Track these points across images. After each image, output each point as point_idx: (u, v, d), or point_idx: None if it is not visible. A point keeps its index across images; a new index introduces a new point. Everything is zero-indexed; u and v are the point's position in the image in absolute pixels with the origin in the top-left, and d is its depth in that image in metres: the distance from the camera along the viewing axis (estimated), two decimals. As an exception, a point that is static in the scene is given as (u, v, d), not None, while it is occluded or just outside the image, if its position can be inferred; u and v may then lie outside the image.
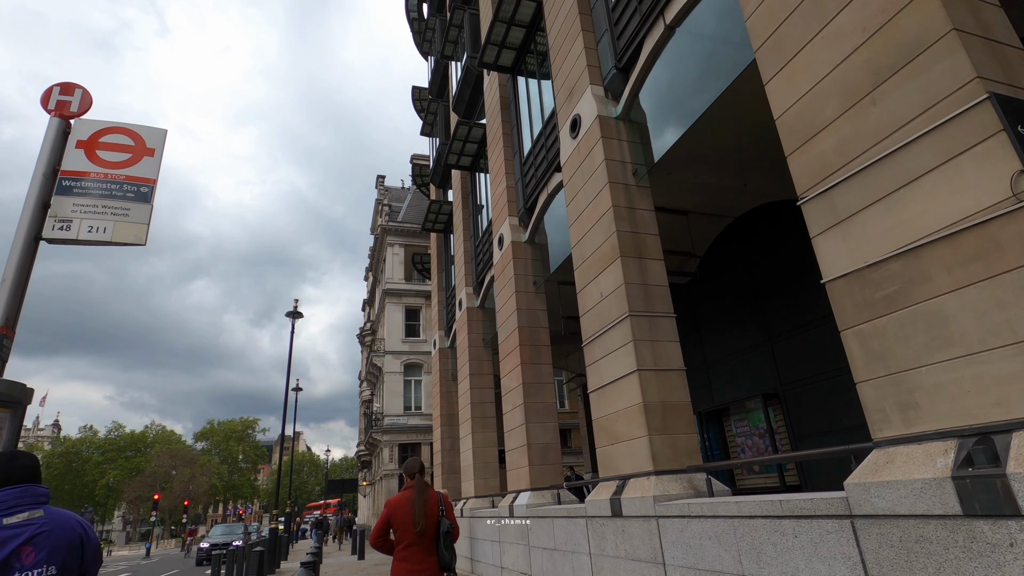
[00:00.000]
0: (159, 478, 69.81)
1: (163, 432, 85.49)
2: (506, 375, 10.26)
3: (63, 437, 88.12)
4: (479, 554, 10.97)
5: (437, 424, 16.45)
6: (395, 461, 27.63)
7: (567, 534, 7.07)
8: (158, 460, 72.51)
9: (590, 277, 7.11)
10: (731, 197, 9.47)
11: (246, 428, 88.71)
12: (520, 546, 8.70)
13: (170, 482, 70.39)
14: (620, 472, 6.14)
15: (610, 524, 6.01)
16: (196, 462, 76.72)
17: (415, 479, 4.16)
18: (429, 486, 4.19)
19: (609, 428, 6.44)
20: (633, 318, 6.15)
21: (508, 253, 10.52)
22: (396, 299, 31.02)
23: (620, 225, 6.58)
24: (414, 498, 4.02)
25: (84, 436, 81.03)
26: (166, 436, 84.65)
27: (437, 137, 19.02)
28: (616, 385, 6.30)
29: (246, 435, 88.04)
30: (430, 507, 4.04)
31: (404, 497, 4.07)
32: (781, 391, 9.71)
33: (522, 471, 9.14)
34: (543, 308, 10.17)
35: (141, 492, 67.78)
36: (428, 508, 4.02)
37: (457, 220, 15.38)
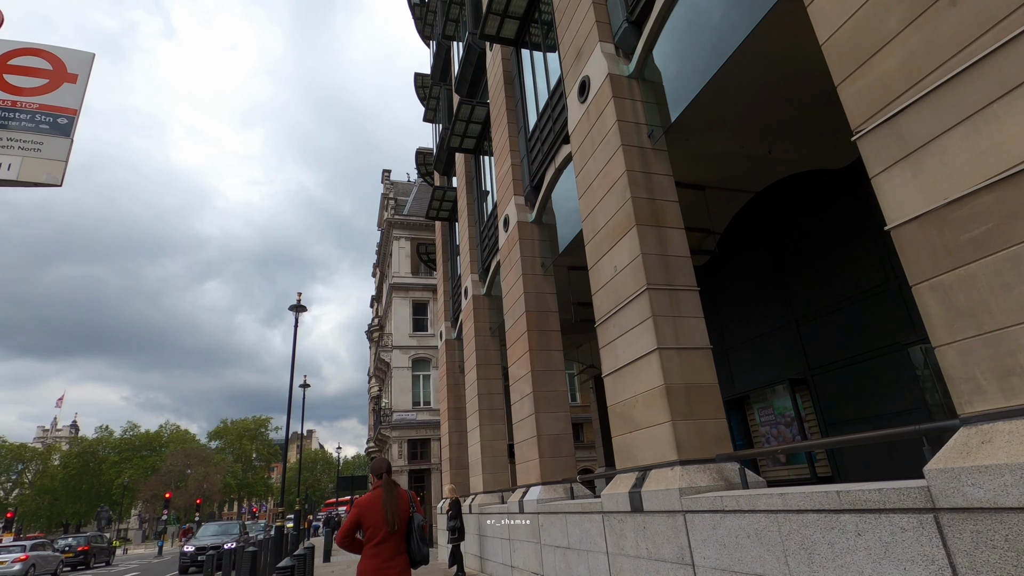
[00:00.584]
0: (174, 477, 70.28)
1: (177, 431, 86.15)
2: (514, 363, 9.68)
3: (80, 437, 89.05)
4: (488, 552, 10.43)
5: (445, 418, 15.93)
6: (404, 457, 27.22)
7: (582, 531, 6.48)
8: (173, 459, 73.01)
9: (603, 250, 6.50)
10: (753, 168, 8.79)
11: (259, 427, 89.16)
12: (531, 544, 8.14)
13: (185, 481, 70.86)
14: (640, 463, 5.54)
15: (629, 520, 5.41)
16: (210, 461, 77.19)
17: (383, 479, 4.18)
18: (397, 485, 4.24)
19: (626, 414, 5.83)
20: (652, 292, 5.53)
21: (514, 234, 9.93)
22: (403, 293, 30.56)
23: (635, 191, 5.95)
24: (384, 497, 4.04)
25: (100, 436, 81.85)
26: (180, 435, 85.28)
27: (440, 123, 18.43)
28: (634, 367, 5.69)
29: (259, 434, 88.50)
30: (401, 505, 4.08)
31: (374, 496, 4.08)
32: (809, 376, 9.03)
33: (532, 464, 8.56)
34: (552, 292, 9.57)
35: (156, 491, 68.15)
36: (399, 506, 4.06)
37: (461, 206, 14.80)
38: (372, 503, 4.04)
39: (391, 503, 4.02)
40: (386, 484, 4.15)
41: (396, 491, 4.17)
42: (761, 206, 9.91)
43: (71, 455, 77.85)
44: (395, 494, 4.12)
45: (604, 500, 5.91)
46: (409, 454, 27.41)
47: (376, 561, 3.93)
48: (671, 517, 4.75)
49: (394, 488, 4.17)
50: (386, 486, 4.14)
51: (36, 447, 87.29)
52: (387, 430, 28.09)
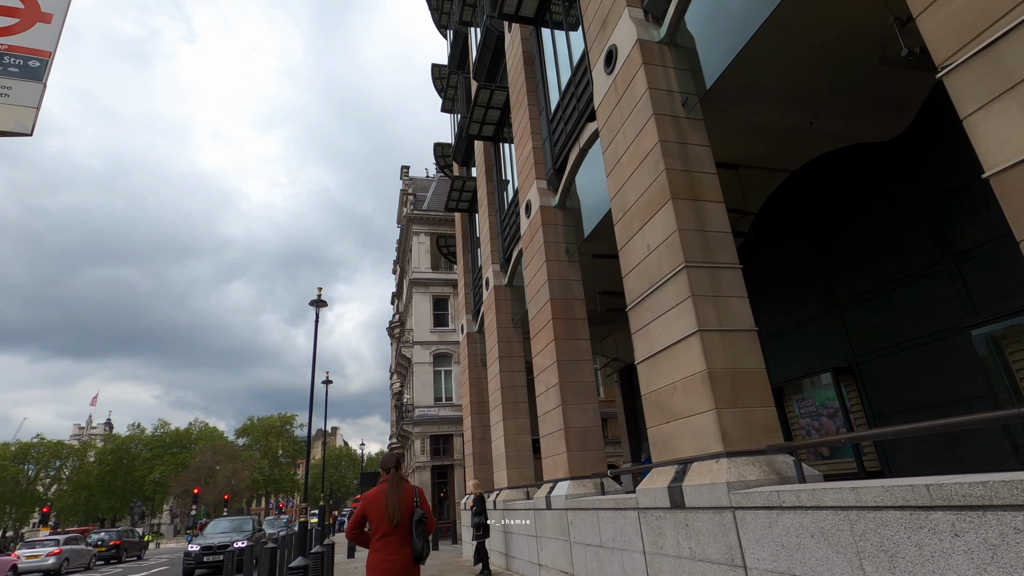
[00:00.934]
0: (203, 473, 71.73)
1: (206, 429, 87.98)
2: (538, 353, 9.29)
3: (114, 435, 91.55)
4: (514, 550, 10.09)
5: (467, 412, 15.64)
6: (427, 453, 27.07)
7: (615, 529, 6.08)
8: (202, 456, 74.51)
9: (634, 229, 6.06)
10: (792, 142, 8.24)
11: (284, 424, 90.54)
12: (559, 541, 7.76)
13: (214, 477, 72.28)
14: (679, 455, 5.12)
15: (669, 517, 4.99)
16: (238, 457, 78.59)
17: (391, 474, 4.24)
18: (404, 479, 4.28)
19: (663, 404, 5.41)
20: (690, 270, 5.09)
21: (537, 220, 9.53)
22: (423, 289, 30.39)
23: (669, 163, 5.51)
24: (389, 492, 4.11)
25: (133, 434, 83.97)
26: (209, 432, 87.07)
27: (458, 113, 18.10)
28: (671, 352, 5.26)
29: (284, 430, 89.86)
30: (405, 500, 4.12)
31: (379, 491, 4.15)
32: (855, 364, 8.45)
33: (559, 458, 8.18)
34: (577, 278, 9.15)
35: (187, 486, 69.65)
36: (403, 501, 4.11)
37: (481, 196, 14.45)
38: (377, 498, 4.12)
39: (394, 497, 4.08)
40: (392, 479, 4.20)
41: (402, 486, 4.20)
42: (798, 185, 9.34)
43: (105, 452, 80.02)
44: (400, 488, 4.17)
45: (640, 495, 5.50)
46: (432, 450, 27.26)
47: (382, 554, 4.00)
48: (718, 514, 4.32)
49: (400, 483, 4.21)
50: (392, 481, 4.19)
51: (73, 444, 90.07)
52: (409, 426, 27.99)
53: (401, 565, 3.98)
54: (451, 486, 26.86)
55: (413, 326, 30.20)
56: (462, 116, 16.67)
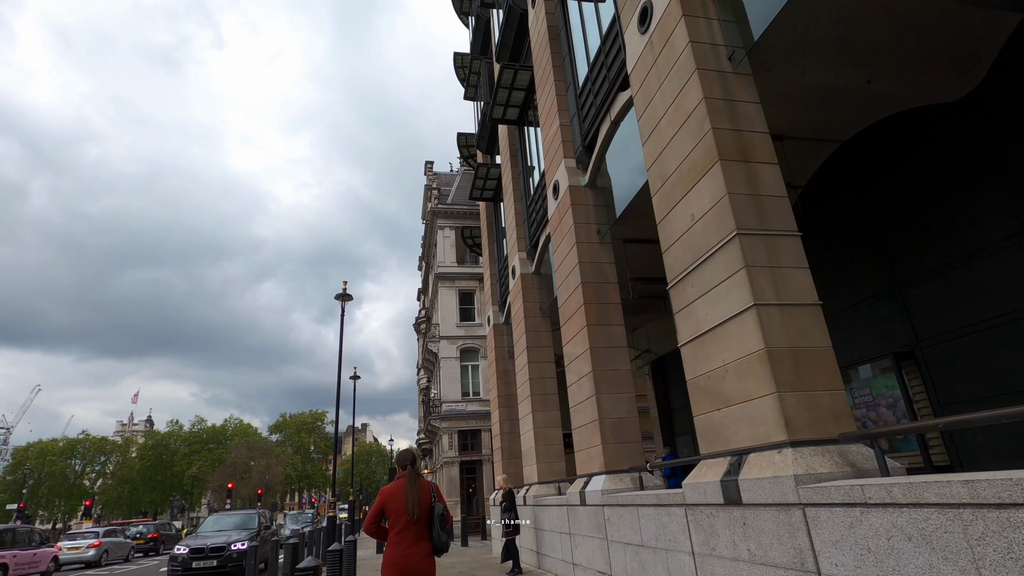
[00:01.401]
0: (238, 468, 73.42)
1: (241, 425, 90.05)
2: (569, 341, 8.80)
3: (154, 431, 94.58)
4: (546, 548, 9.64)
5: (495, 406, 15.24)
6: (455, 448, 26.84)
7: (659, 527, 5.56)
8: (237, 452, 76.27)
9: (675, 199, 5.52)
10: (844, 106, 7.53)
11: (316, 420, 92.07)
12: (595, 540, 7.28)
13: (248, 472, 73.91)
14: (732, 445, 4.57)
15: (723, 515, 4.46)
16: (272, 453, 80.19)
17: (407, 470, 4.34)
18: (420, 475, 4.39)
19: (712, 389, 4.86)
20: (743, 238, 4.53)
21: (566, 200, 9.02)
22: (449, 283, 30.15)
23: (716, 121, 4.95)
24: (407, 487, 4.21)
25: (171, 430, 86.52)
26: (243, 429, 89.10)
27: (481, 100, 17.67)
28: (722, 330, 4.71)
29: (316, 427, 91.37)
30: (423, 495, 4.23)
31: (398, 486, 4.25)
32: (918, 349, 7.71)
33: (594, 451, 7.68)
34: (610, 261, 8.62)
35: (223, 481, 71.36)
36: (421, 496, 4.21)
37: (506, 182, 13.99)
38: (395, 492, 4.21)
39: (413, 493, 4.18)
40: (409, 475, 4.30)
41: (419, 482, 4.31)
42: (850, 156, 8.60)
43: (146, 447, 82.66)
44: (417, 484, 4.27)
45: (687, 491, 4.98)
46: (460, 445, 27.02)
47: (400, 548, 4.08)
48: (783, 512, 3.77)
49: (417, 479, 4.31)
50: (409, 477, 4.29)
51: (116, 440, 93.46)
52: (437, 421, 27.82)
53: (418, 558, 4.08)
54: (480, 481, 26.57)
55: (439, 321, 30.00)
56: (485, 103, 16.23)
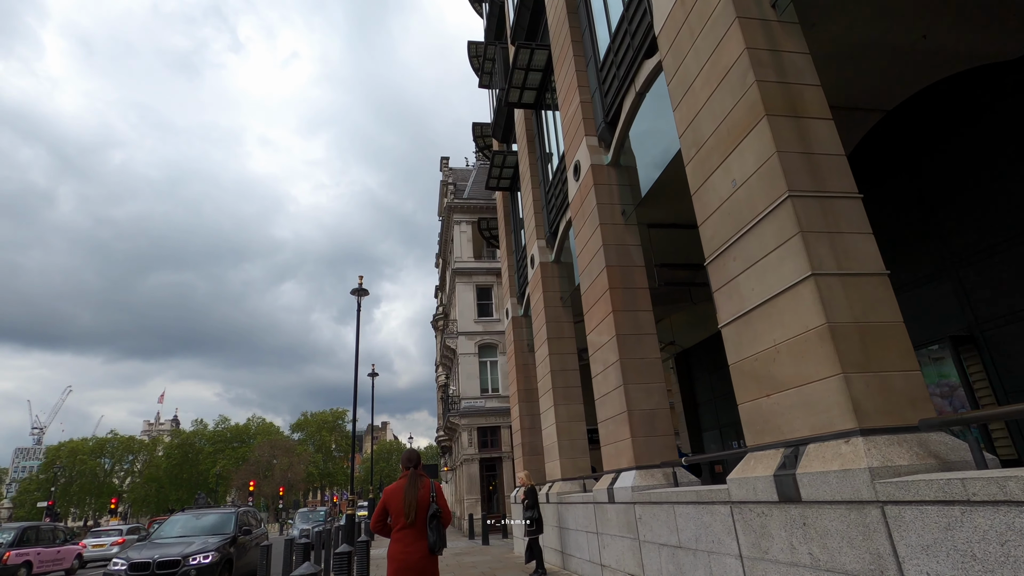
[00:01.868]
0: (261, 466, 74.29)
1: (263, 424, 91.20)
2: (593, 329, 8.30)
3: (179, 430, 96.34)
4: (571, 547, 9.16)
5: (515, 401, 14.79)
6: (475, 445, 26.49)
7: (698, 526, 5.05)
8: (260, 450, 77.18)
9: (712, 165, 4.99)
10: (894, 67, 6.90)
11: (336, 419, 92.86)
12: (626, 540, 6.78)
13: (271, 470, 74.74)
14: (786, 435, 4.05)
15: (777, 513, 3.94)
16: (294, 451, 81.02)
17: (410, 471, 4.50)
18: (423, 476, 4.53)
19: (760, 373, 4.34)
20: (796, 200, 4.00)
21: (588, 180, 8.52)
22: (466, 278, 29.79)
23: (760, 73, 4.41)
24: (407, 488, 4.36)
25: (196, 429, 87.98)
26: (266, 428, 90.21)
27: (496, 88, 17.21)
28: (771, 306, 4.18)
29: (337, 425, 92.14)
30: (421, 496, 4.37)
31: (398, 486, 4.42)
32: (979, 332, 7.05)
33: (622, 445, 7.18)
34: (636, 243, 8.09)
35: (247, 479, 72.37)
36: (419, 496, 4.35)
37: (524, 169, 13.52)
38: (396, 492, 4.40)
39: (411, 494, 4.34)
40: (411, 476, 4.46)
41: (420, 482, 4.46)
42: (897, 127, 7.95)
43: (172, 446, 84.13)
44: (417, 485, 4.42)
45: (733, 487, 4.46)
46: (479, 442, 26.66)
47: (401, 545, 4.27)
48: (855, 511, 3.25)
49: (418, 479, 4.47)
50: (410, 478, 4.45)
51: (143, 440, 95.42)
52: (456, 418, 27.50)
53: (418, 556, 4.24)
54: (500, 479, 26.19)
55: (457, 316, 29.66)
56: (500, 89, 15.76)
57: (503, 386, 27.50)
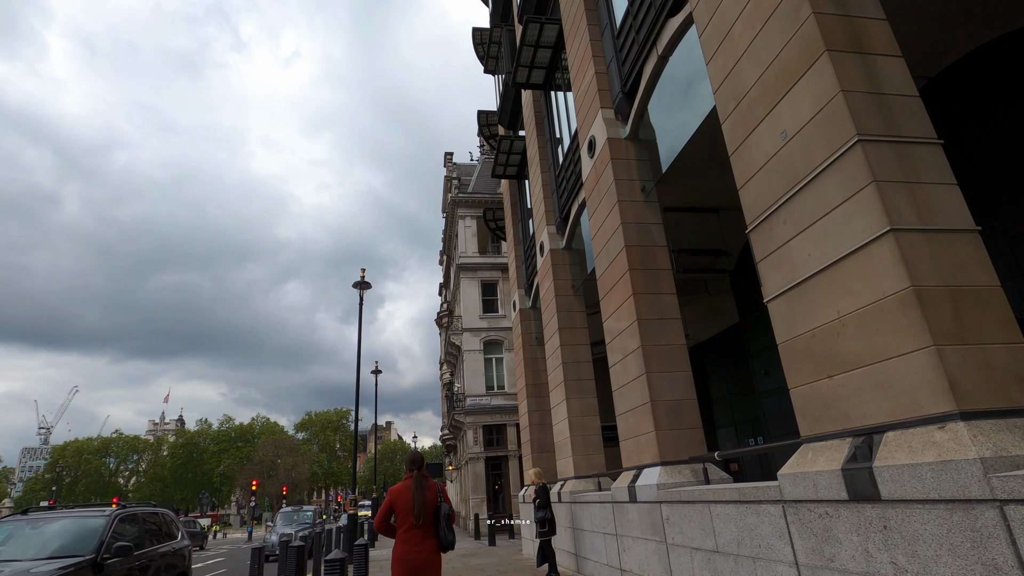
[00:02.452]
0: (265, 466, 73.96)
1: (267, 424, 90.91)
2: (611, 315, 7.70)
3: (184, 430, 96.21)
4: (586, 550, 8.57)
5: (523, 396, 14.19)
6: (480, 444, 25.91)
7: (741, 529, 4.45)
8: (264, 449, 76.87)
9: (756, 118, 4.39)
10: (937, 29, 6.28)
11: (340, 418, 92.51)
12: (650, 543, 6.18)
13: (275, 470, 74.41)
14: (855, 423, 3.44)
15: (846, 514, 3.34)
16: (298, 451, 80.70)
17: (415, 472, 4.52)
18: (428, 477, 4.56)
19: (819, 350, 3.74)
20: (867, 145, 3.39)
21: (604, 155, 7.92)
22: (471, 274, 29.23)
23: (817, 4, 3.81)
24: (414, 490, 4.38)
25: (201, 429, 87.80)
26: (270, 427, 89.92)
27: (502, 73, 16.63)
28: (835, 271, 3.58)
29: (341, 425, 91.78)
30: (428, 496, 4.40)
31: (404, 487, 4.44)
32: (1038, 315, 6.42)
33: (645, 439, 6.58)
34: (657, 221, 7.49)
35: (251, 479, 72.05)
36: (427, 498, 4.38)
37: (532, 153, 12.92)
38: (402, 493, 4.41)
39: (419, 495, 4.37)
40: (416, 477, 4.49)
41: (425, 483, 4.50)
42: (939, 96, 7.32)
43: (177, 446, 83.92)
44: (424, 486, 4.46)
45: (786, 483, 3.86)
46: (485, 441, 26.08)
47: (408, 545, 4.29)
48: (959, 512, 2.64)
49: (424, 481, 4.51)
50: (416, 479, 4.48)
51: (148, 439, 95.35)
52: (461, 416, 26.94)
53: (425, 555, 4.28)
54: (506, 478, 25.61)
55: (462, 312, 29.11)
56: (507, 73, 15.18)
57: (509, 383, 26.92)
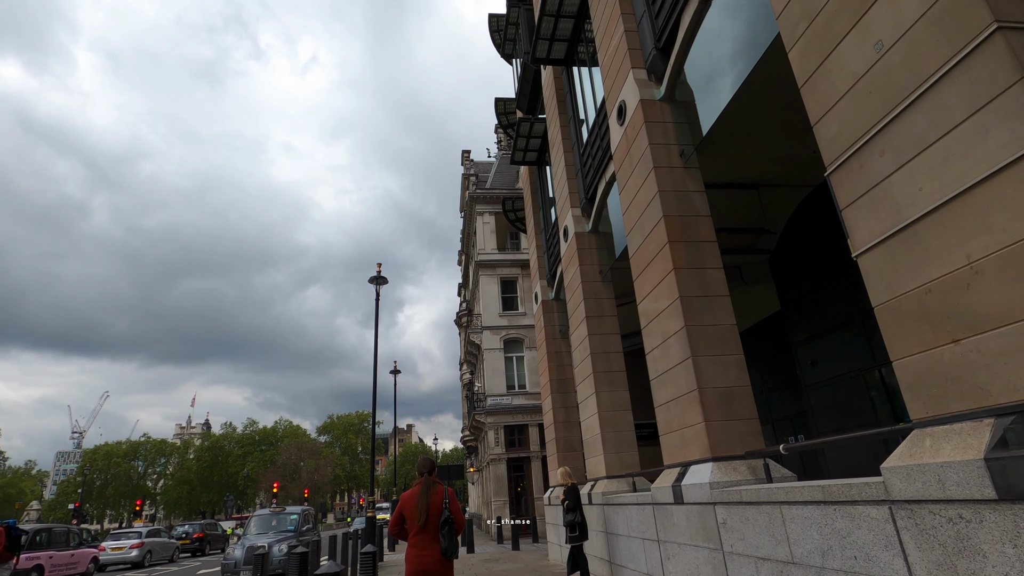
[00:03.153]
0: (288, 469, 74.36)
1: (290, 427, 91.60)
2: (647, 296, 6.92)
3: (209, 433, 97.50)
4: (622, 557, 7.77)
5: (547, 392, 13.44)
6: (502, 445, 25.19)
7: (827, 536, 3.64)
8: (287, 452, 77.35)
9: (838, 33, 3.59)
10: None
11: (362, 421, 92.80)
12: (702, 551, 5.38)
13: (298, 473, 74.74)
14: (996, 399, 2.63)
15: (993, 519, 2.52)
16: (320, 454, 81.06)
17: (424, 478, 4.71)
18: (436, 483, 4.72)
19: (940, 307, 2.93)
20: (1008, 33, 2.59)
21: (637, 119, 7.15)
22: (490, 271, 28.58)
23: None
24: (420, 494, 4.58)
25: (225, 432, 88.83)
26: (293, 430, 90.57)
27: (519, 57, 15.94)
28: (963, 203, 2.78)
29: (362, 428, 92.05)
30: (434, 502, 4.56)
31: (413, 492, 4.65)
32: None
33: (692, 432, 5.78)
34: (699, 189, 6.69)
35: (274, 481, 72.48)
36: (432, 503, 4.55)
37: (553, 134, 12.19)
38: (411, 498, 4.60)
39: (424, 500, 4.54)
40: (425, 483, 4.65)
41: (433, 489, 4.63)
42: None
43: (203, 449, 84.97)
44: (430, 492, 4.60)
45: (894, 479, 3.05)
46: (507, 441, 25.35)
47: (417, 549, 4.47)
48: None
49: (431, 487, 4.64)
50: (424, 484, 4.64)
51: (175, 443, 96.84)
52: (482, 416, 26.27)
53: (433, 559, 4.40)
54: (529, 480, 24.84)
55: (481, 311, 28.48)
56: (525, 54, 14.48)
57: (530, 382, 26.17)
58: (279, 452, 78.97)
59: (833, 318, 9.60)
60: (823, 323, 9.95)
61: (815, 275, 10.02)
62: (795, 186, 9.83)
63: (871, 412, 8.69)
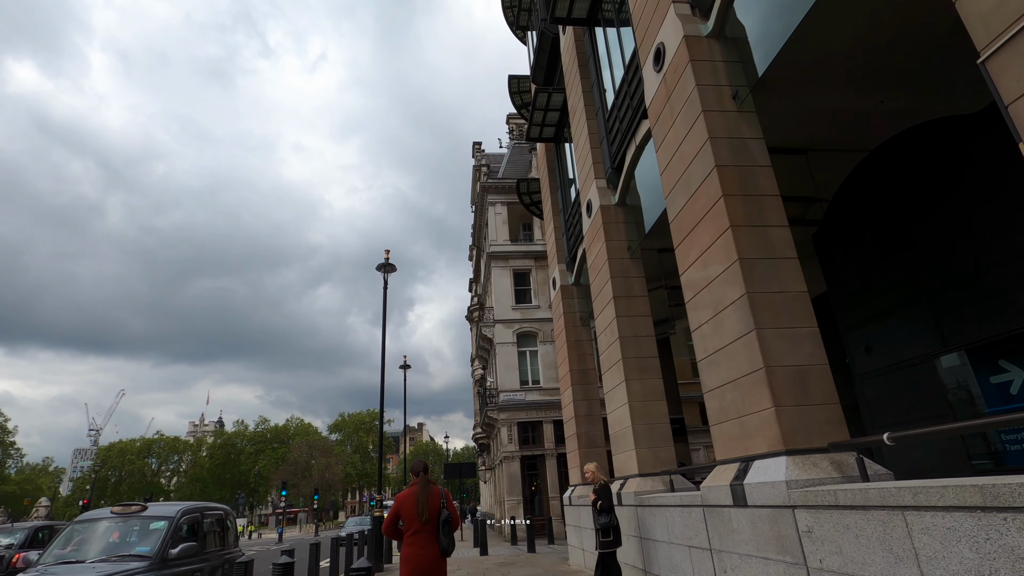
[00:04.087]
0: (300, 467, 74.12)
1: (302, 425, 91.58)
2: (694, 262, 5.92)
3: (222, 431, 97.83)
4: (661, 567, 6.79)
5: (567, 384, 12.46)
6: (515, 442, 24.24)
7: (986, 554, 2.64)
8: (298, 450, 77.17)
9: None
10: None
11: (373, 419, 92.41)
12: (776, 564, 4.38)
13: (309, 471, 74.48)
14: None
15: None
16: (331, 452, 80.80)
17: (419, 477, 4.86)
18: (432, 483, 4.87)
19: None
20: None
21: (680, 59, 6.14)
22: (502, 262, 27.65)
23: None
24: (418, 493, 4.72)
25: (238, 430, 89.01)
26: (304, 428, 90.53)
27: (534, 29, 14.98)
28: None
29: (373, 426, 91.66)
30: (432, 501, 4.72)
31: (410, 492, 4.77)
32: None
33: (756, 420, 4.79)
34: (757, 136, 5.68)
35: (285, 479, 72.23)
36: (430, 502, 4.70)
37: (575, 102, 11.21)
38: (408, 498, 4.72)
39: (423, 499, 4.67)
40: (421, 482, 4.83)
41: (429, 489, 4.80)
42: None
43: (215, 447, 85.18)
44: (428, 491, 4.76)
45: None
46: (520, 439, 24.40)
47: (414, 548, 4.56)
48: None
49: (428, 486, 4.80)
50: (421, 484, 4.80)
51: (188, 440, 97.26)
52: (494, 413, 25.35)
53: (430, 558, 4.56)
54: (543, 478, 23.88)
55: (493, 304, 27.55)
56: (541, 19, 13.51)
57: (545, 378, 25.19)
58: (291, 450, 78.85)
59: (893, 298, 8.53)
60: (880, 304, 8.88)
61: (869, 252, 8.96)
62: (847, 151, 8.79)
63: (944, 403, 7.62)
